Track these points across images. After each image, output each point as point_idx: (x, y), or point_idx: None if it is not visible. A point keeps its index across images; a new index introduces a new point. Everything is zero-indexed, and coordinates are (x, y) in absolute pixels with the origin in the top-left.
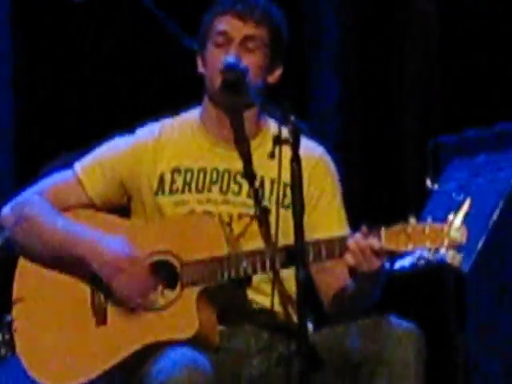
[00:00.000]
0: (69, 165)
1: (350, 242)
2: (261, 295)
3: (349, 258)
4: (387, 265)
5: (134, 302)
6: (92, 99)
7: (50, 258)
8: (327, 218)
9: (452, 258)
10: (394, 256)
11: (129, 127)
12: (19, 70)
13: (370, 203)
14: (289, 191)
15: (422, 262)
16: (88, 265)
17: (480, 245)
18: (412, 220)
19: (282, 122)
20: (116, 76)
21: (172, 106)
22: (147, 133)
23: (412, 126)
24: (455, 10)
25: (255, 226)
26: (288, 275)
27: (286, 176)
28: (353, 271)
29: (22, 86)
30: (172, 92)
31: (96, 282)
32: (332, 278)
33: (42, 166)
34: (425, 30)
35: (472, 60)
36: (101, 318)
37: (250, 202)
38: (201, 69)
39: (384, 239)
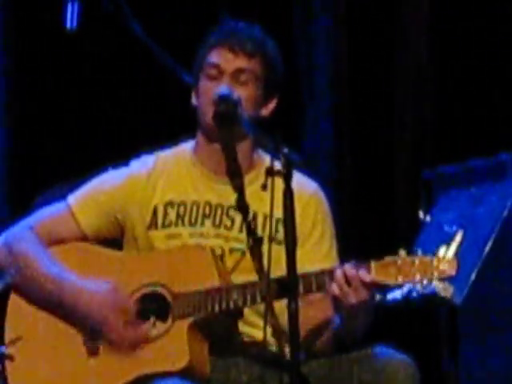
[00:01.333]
0: (62, 196)
1: (337, 272)
2: (251, 328)
3: (334, 288)
4: (378, 297)
5: (125, 348)
6: (86, 131)
7: (42, 301)
8: (316, 253)
9: (444, 290)
10: (384, 289)
11: (123, 159)
12: (12, 95)
13: (361, 236)
14: (281, 227)
15: (414, 293)
16: (79, 315)
17: (473, 277)
18: (402, 252)
19: (274, 154)
20: (109, 108)
21: (166, 138)
22: (141, 166)
23: (404, 158)
24: (447, 47)
25: (247, 260)
26: (279, 308)
27: (279, 211)
28: (337, 304)
29: (16, 110)
30: (166, 125)
31: (88, 326)
32: (313, 310)
33: (34, 197)
34: (417, 62)
35: (465, 91)
36: (93, 350)
37: (242, 236)
38: (194, 101)
39: (374, 271)
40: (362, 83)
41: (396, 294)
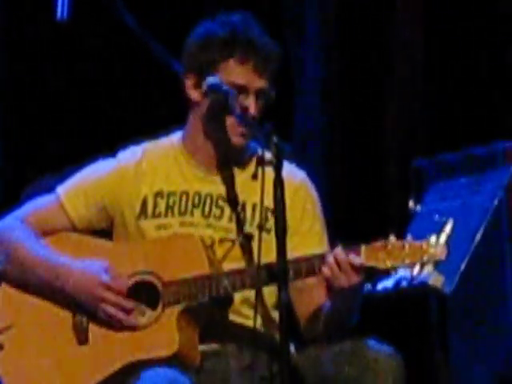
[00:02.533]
0: (50, 188)
1: (329, 255)
2: (242, 318)
3: (325, 270)
4: (368, 285)
5: (118, 327)
6: (76, 121)
7: (30, 285)
8: (308, 241)
9: (434, 279)
10: (375, 276)
11: (112, 149)
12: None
13: (352, 225)
14: (270, 215)
15: (405, 283)
16: (69, 295)
17: (463, 267)
18: (392, 237)
19: (264, 144)
20: (100, 98)
21: (156, 128)
22: (129, 156)
23: (395, 148)
24: (441, 38)
25: (237, 250)
26: (269, 295)
27: (268, 200)
28: (330, 288)
29: (5, 109)
30: (157, 115)
31: (78, 306)
32: (309, 298)
33: (23, 190)
34: (410, 55)
35: (457, 84)
36: (82, 338)
37: (232, 226)
38: (191, 92)
39: (363, 255)
40: (353, 71)
41: (386, 284)
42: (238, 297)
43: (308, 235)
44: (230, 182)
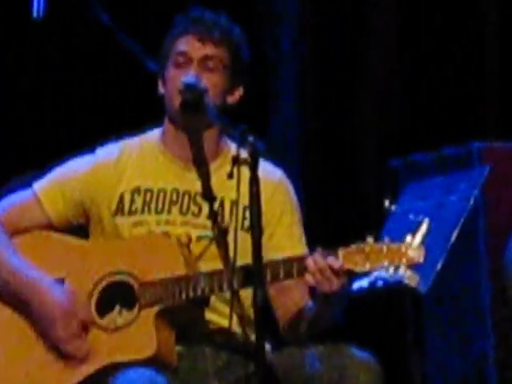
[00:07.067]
0: (27, 185)
1: (309, 262)
2: (217, 315)
3: (308, 278)
4: (348, 286)
5: (69, 351)
6: (52, 119)
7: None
8: (286, 240)
9: (409, 278)
10: (352, 276)
11: (89, 147)
12: None
13: (328, 224)
14: (248, 214)
15: (380, 282)
16: (30, 310)
17: (439, 266)
18: (369, 239)
19: (240, 142)
20: (76, 96)
21: (132, 126)
22: (107, 153)
23: (371, 147)
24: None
25: (214, 248)
26: (245, 296)
27: (246, 199)
28: (314, 292)
29: None
30: (132, 112)
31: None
32: (289, 299)
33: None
34: (385, 55)
35: (433, 82)
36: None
37: (210, 223)
38: (161, 90)
39: (342, 259)
40: (327, 69)
41: (362, 283)
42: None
43: (286, 233)
44: (206, 178)
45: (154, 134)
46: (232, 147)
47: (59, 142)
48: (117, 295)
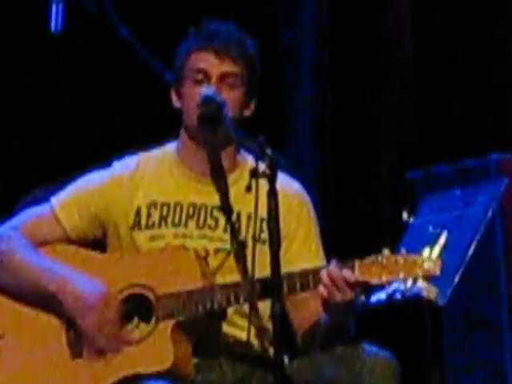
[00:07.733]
0: (45, 199)
1: (323, 273)
2: (235, 328)
3: (321, 289)
4: (362, 298)
5: (100, 343)
6: (71, 133)
7: (24, 294)
8: (305, 251)
9: (428, 290)
10: (368, 288)
11: (107, 160)
12: None
13: (345, 237)
14: (265, 226)
15: (398, 295)
16: (60, 303)
17: (457, 279)
18: (386, 251)
19: (258, 156)
20: (94, 109)
21: (150, 139)
22: (124, 166)
23: (389, 159)
24: (432, 52)
25: (231, 260)
26: (263, 308)
27: (263, 211)
28: (325, 304)
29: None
30: (149, 125)
31: (69, 318)
32: (306, 311)
33: (17, 201)
34: (402, 68)
35: (448, 95)
36: (76, 351)
37: (227, 236)
38: (176, 103)
39: (358, 271)
40: (346, 82)
41: (380, 296)
42: (231, 307)
43: (304, 245)
44: (224, 191)
45: (171, 147)
46: (249, 160)
47: (78, 155)
48: (135, 308)
